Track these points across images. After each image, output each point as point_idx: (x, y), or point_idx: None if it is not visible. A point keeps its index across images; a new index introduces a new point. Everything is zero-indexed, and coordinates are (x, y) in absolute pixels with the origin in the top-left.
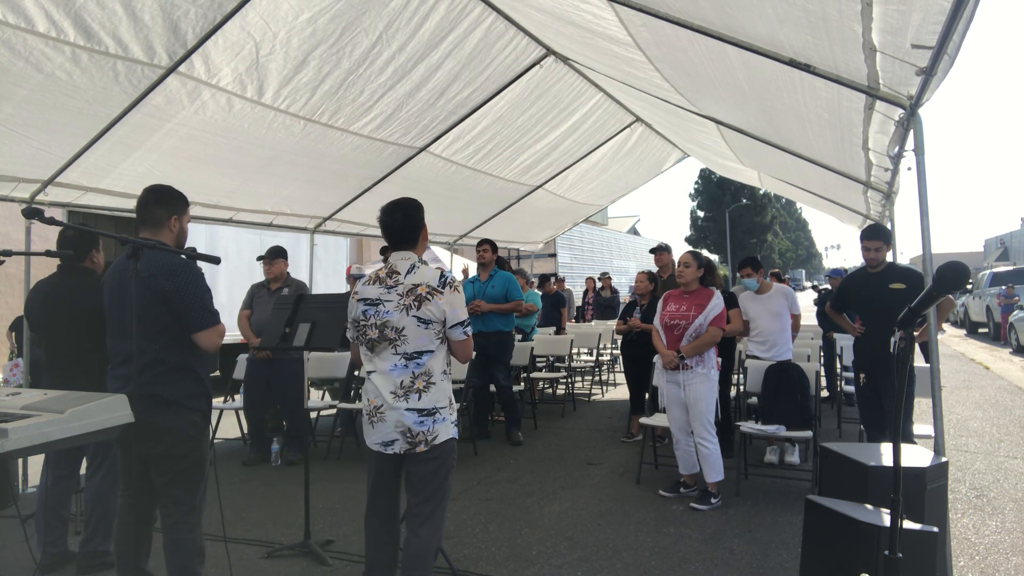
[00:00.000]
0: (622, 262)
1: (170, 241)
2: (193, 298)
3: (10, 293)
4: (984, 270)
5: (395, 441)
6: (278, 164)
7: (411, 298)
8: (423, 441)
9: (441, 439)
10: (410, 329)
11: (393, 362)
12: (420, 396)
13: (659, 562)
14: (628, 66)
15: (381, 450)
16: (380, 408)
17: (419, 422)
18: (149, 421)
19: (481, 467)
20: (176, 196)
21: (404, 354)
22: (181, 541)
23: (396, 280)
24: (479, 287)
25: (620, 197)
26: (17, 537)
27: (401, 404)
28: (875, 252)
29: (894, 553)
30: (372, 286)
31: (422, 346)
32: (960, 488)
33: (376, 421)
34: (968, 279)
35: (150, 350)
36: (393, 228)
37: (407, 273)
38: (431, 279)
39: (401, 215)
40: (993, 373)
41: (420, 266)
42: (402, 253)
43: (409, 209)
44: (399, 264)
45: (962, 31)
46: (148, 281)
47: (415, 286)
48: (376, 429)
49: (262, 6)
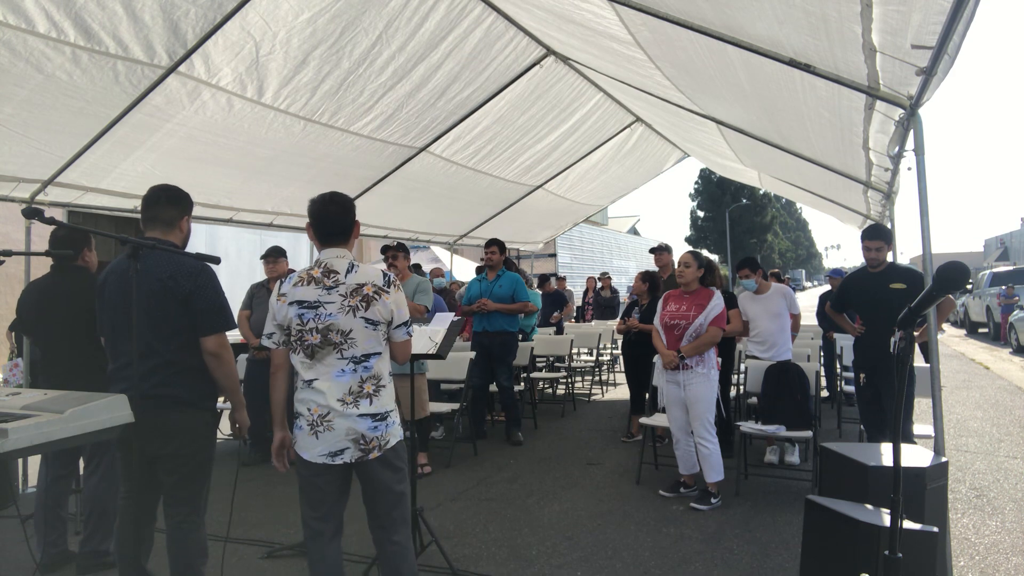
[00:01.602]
0: (622, 262)
1: (179, 241)
2: (214, 299)
3: (10, 293)
4: (984, 270)
5: (345, 450)
6: (278, 164)
7: (357, 298)
8: (376, 447)
9: (393, 443)
10: (358, 331)
11: (339, 367)
12: (371, 401)
13: (659, 562)
14: (629, 64)
15: (327, 461)
16: (326, 416)
17: (373, 427)
18: (161, 421)
19: (481, 467)
20: (185, 196)
21: (352, 358)
22: (186, 540)
23: (336, 280)
24: (486, 286)
25: (620, 197)
26: (17, 537)
27: (352, 410)
28: (876, 252)
29: (894, 553)
30: (306, 287)
31: (370, 348)
32: (960, 488)
33: (322, 430)
34: (968, 279)
35: (164, 351)
36: (329, 221)
37: (347, 272)
38: (375, 278)
39: (338, 207)
40: (993, 373)
41: (359, 265)
42: (336, 250)
43: (346, 203)
44: (335, 263)
45: (962, 31)
46: (167, 282)
47: (360, 286)
48: (321, 439)
49: (262, 6)
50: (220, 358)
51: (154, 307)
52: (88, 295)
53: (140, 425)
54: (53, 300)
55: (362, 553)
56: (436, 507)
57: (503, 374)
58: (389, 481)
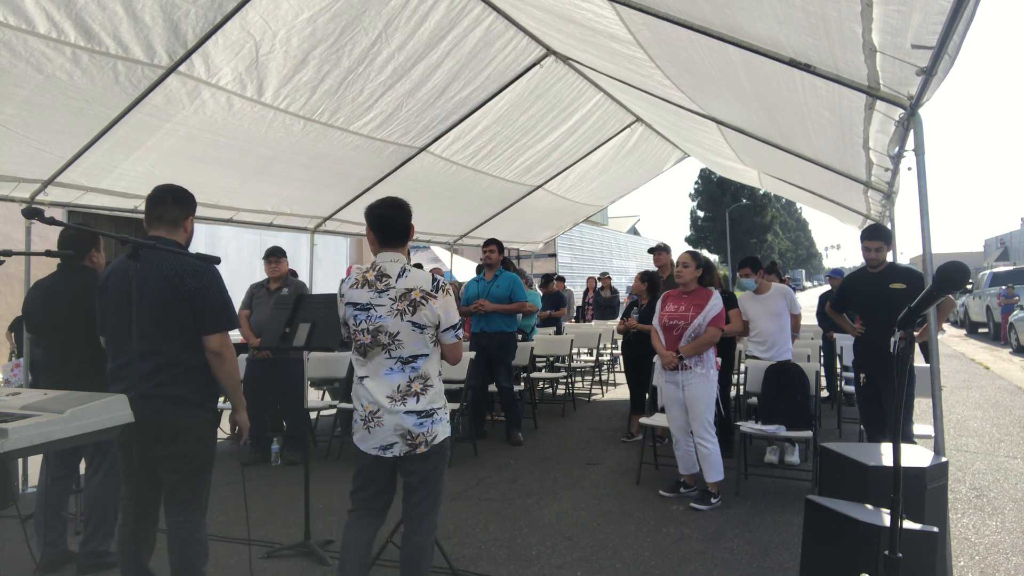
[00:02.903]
0: (622, 262)
1: (183, 241)
2: (218, 298)
3: (10, 293)
4: (984, 270)
5: (394, 444)
6: (278, 164)
7: (405, 303)
8: (424, 442)
9: (439, 439)
10: (405, 334)
11: (388, 366)
12: (418, 399)
13: (659, 562)
14: (630, 64)
15: (379, 454)
16: (376, 413)
17: (419, 424)
18: (164, 421)
19: (481, 467)
20: (190, 196)
21: (400, 358)
22: (187, 540)
23: (387, 284)
24: (484, 286)
25: (620, 197)
26: (17, 537)
27: (399, 408)
28: (875, 252)
29: (894, 553)
30: (360, 290)
31: (417, 350)
32: (960, 488)
33: (373, 426)
34: (968, 279)
35: (168, 350)
36: (391, 225)
37: (398, 277)
38: (424, 283)
39: (399, 212)
40: (993, 373)
41: (411, 269)
42: (390, 255)
43: (405, 207)
44: (388, 267)
45: (962, 31)
46: (173, 280)
47: (408, 290)
48: (373, 434)
49: (262, 6)
50: (222, 357)
51: (159, 306)
52: (93, 296)
53: (143, 425)
54: (58, 300)
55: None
56: None
57: (502, 374)
58: (427, 475)
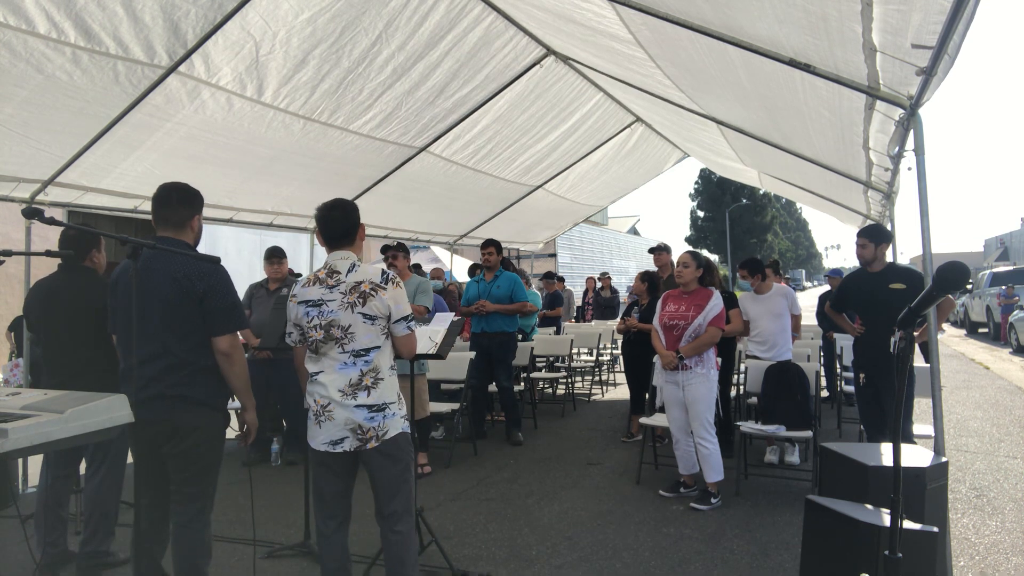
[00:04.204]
0: (622, 262)
1: (190, 240)
2: (227, 299)
3: (10, 293)
4: (984, 270)
5: (344, 439)
6: (278, 164)
7: (355, 295)
8: (374, 437)
9: (392, 434)
10: (356, 326)
11: (341, 360)
12: (369, 392)
13: (659, 562)
14: (630, 64)
15: (329, 449)
16: (327, 407)
17: (370, 418)
18: (175, 421)
19: (481, 467)
20: (196, 194)
21: (352, 351)
22: (192, 539)
23: (337, 279)
24: (484, 287)
25: (620, 197)
26: (17, 537)
27: (350, 401)
28: (861, 249)
29: (894, 553)
30: (312, 287)
31: (369, 343)
32: (960, 488)
33: (324, 420)
34: (968, 279)
35: (179, 350)
36: (331, 226)
37: (348, 272)
38: (373, 276)
39: (340, 213)
40: (993, 373)
41: (360, 264)
42: (341, 252)
43: (348, 208)
44: (339, 263)
45: (962, 31)
46: (183, 282)
47: (358, 283)
48: (323, 428)
49: (262, 6)
50: (232, 358)
51: (169, 307)
52: (93, 296)
53: (154, 424)
54: (58, 299)
55: (362, 553)
56: (436, 507)
57: (502, 374)
58: (389, 471)
